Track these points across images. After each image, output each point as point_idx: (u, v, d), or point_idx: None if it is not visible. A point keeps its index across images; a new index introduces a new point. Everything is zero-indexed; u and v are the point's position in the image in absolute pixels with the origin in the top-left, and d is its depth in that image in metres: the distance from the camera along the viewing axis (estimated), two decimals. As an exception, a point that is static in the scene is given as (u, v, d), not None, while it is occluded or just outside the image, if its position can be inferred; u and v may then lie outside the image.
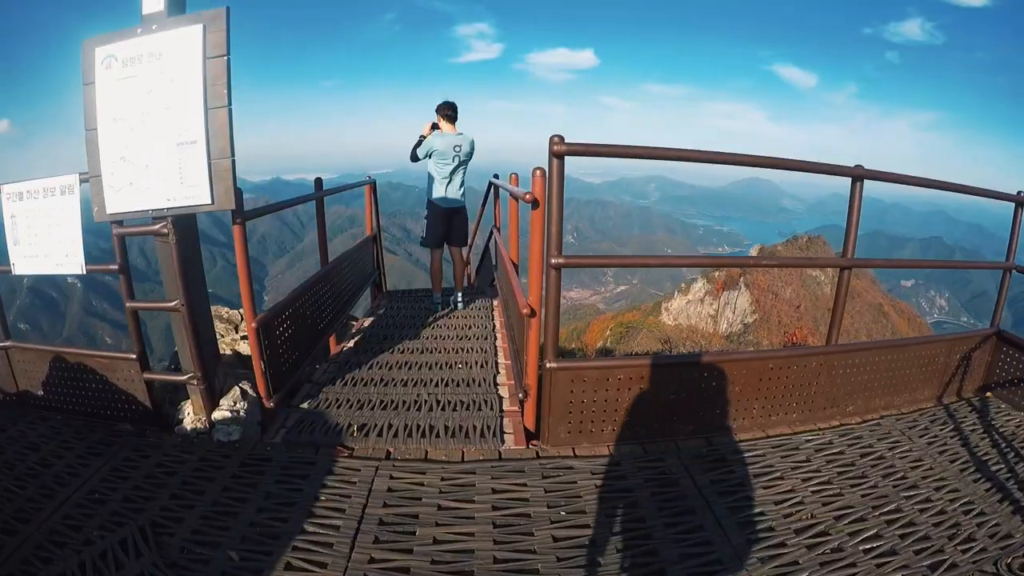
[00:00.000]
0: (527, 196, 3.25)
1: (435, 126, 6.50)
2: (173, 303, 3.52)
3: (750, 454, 3.47)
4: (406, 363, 5.16)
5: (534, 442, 3.60)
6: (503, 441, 3.61)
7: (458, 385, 4.57)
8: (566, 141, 2.99)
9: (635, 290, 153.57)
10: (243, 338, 5.56)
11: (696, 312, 64.22)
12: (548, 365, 3.34)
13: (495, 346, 5.76)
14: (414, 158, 6.59)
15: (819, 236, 75.72)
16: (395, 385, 4.58)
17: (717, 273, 66.28)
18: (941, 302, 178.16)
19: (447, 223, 6.75)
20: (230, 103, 3.01)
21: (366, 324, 6.84)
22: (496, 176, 7.86)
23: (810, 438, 3.72)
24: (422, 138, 6.47)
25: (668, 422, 3.61)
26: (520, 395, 3.80)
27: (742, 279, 62.79)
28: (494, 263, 8.41)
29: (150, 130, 3.09)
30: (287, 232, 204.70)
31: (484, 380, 4.69)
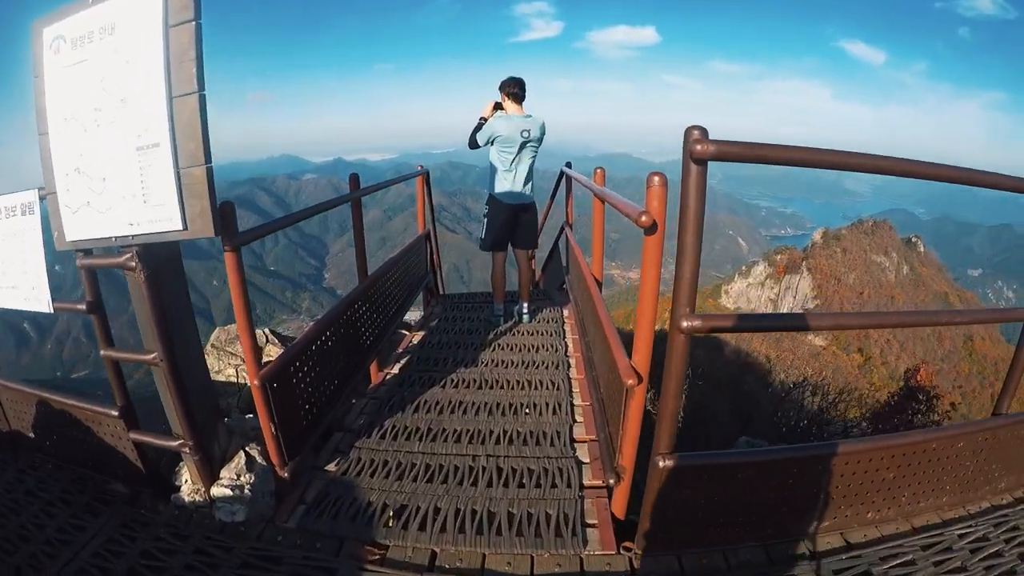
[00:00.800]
0: (643, 218, 2.19)
1: (498, 106, 5.55)
2: (151, 355, 2.65)
3: (897, 562, 2.58)
4: (460, 403, 4.21)
5: (626, 544, 2.65)
6: (585, 541, 2.69)
7: (524, 441, 3.63)
8: (712, 138, 1.94)
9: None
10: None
11: (756, 296, 63.27)
12: (661, 463, 2.34)
13: (569, 377, 4.76)
14: (473, 144, 5.58)
15: (885, 220, 73.43)
16: (446, 439, 3.67)
17: (779, 256, 65.07)
18: (1008, 293, 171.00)
19: (512, 222, 5.73)
20: (202, 87, 2.09)
21: (415, 340, 5.92)
22: (569, 165, 6.58)
23: (963, 531, 2.80)
24: (483, 121, 5.53)
25: (799, 518, 2.71)
26: (610, 479, 2.88)
27: (804, 263, 61.48)
28: (565, 264, 7.18)
29: (105, 131, 2.22)
30: (347, 210, 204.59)
31: (558, 434, 3.72)
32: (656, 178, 2.24)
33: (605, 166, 4.11)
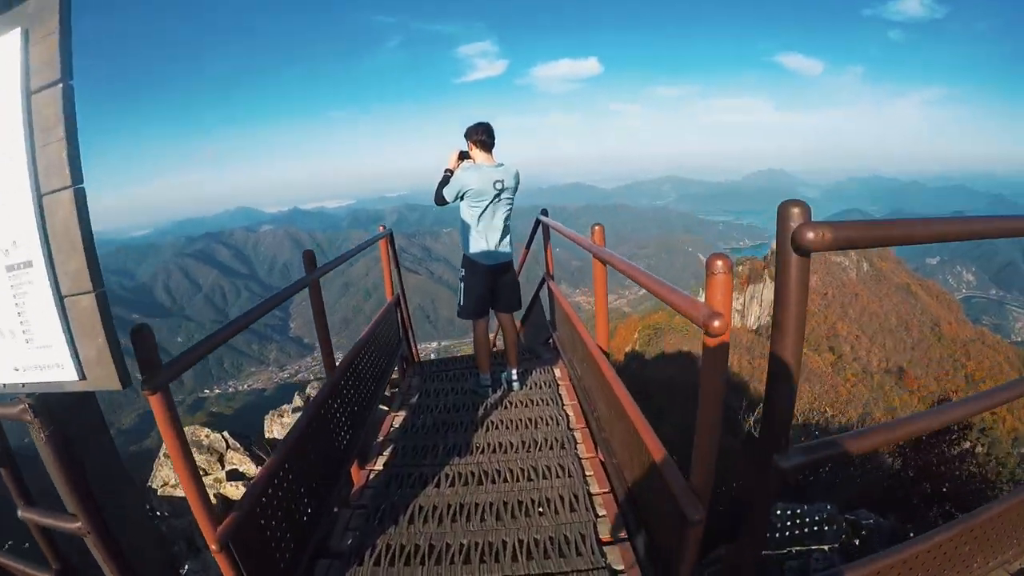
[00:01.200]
0: (715, 323, 1.59)
1: (464, 155, 5.05)
2: (75, 524, 2.01)
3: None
4: (461, 507, 3.56)
5: None
6: None
7: (545, 552, 3.03)
8: (820, 222, 1.32)
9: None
10: (231, 476, 4.01)
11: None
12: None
13: (578, 457, 4.19)
14: (440, 201, 4.97)
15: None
16: (452, 559, 3.05)
17: (741, 268, 65.95)
18: (968, 277, 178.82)
19: (492, 285, 5.17)
20: (78, 179, 1.45)
21: (396, 423, 5.25)
22: (545, 212, 6.17)
23: None
24: (448, 174, 5.01)
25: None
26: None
27: (766, 271, 62.74)
28: (550, 319, 6.66)
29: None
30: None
31: (582, 537, 3.15)
32: (719, 263, 1.68)
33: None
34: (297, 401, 7.56)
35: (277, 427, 6.70)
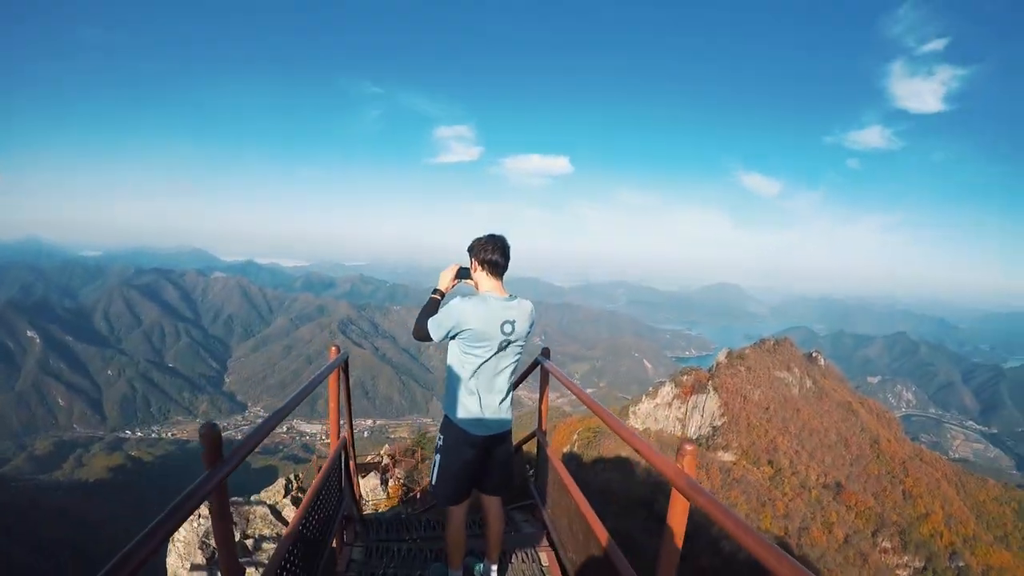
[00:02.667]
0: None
1: (462, 274, 4.00)
2: None
3: None
4: None
5: None
6: None
7: None
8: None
9: (602, 393, 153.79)
10: None
11: (664, 416, 64.14)
12: None
13: None
14: (423, 335, 3.77)
15: (786, 338, 77.84)
16: None
17: (685, 377, 66.64)
18: (908, 395, 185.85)
19: (480, 460, 3.91)
20: None
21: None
22: (546, 354, 5.18)
23: None
24: (438, 297, 3.97)
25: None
26: None
27: (710, 383, 63.39)
28: (534, 484, 5.62)
29: None
30: (255, 314, 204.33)
31: None
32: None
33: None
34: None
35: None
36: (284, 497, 7.57)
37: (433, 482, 3.98)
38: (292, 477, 8.44)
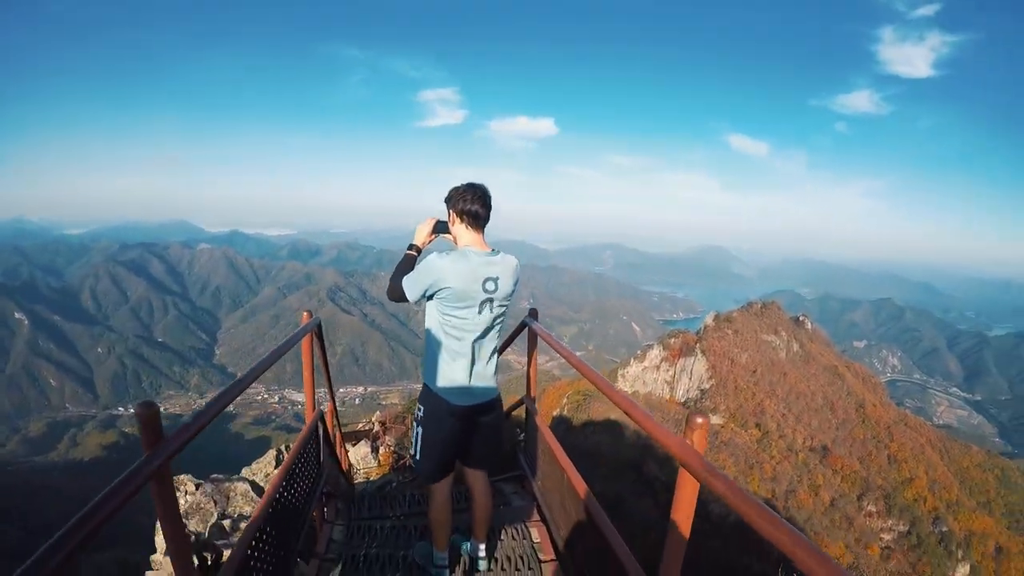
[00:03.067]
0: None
1: (439, 228, 3.61)
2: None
3: None
4: None
5: None
6: None
7: None
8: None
9: (591, 356, 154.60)
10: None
11: (652, 379, 64.47)
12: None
13: None
14: (396, 294, 3.42)
15: (773, 301, 78.57)
16: None
17: (673, 339, 66.90)
18: (894, 361, 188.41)
19: (467, 431, 3.57)
20: None
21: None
22: (534, 315, 4.78)
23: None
24: (414, 254, 3.58)
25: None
26: None
27: (698, 345, 63.69)
28: (523, 451, 5.40)
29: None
30: (242, 285, 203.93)
31: None
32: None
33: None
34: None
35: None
36: (275, 468, 7.40)
37: (416, 455, 3.61)
38: (284, 448, 8.29)
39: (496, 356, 3.60)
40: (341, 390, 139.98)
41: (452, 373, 3.43)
